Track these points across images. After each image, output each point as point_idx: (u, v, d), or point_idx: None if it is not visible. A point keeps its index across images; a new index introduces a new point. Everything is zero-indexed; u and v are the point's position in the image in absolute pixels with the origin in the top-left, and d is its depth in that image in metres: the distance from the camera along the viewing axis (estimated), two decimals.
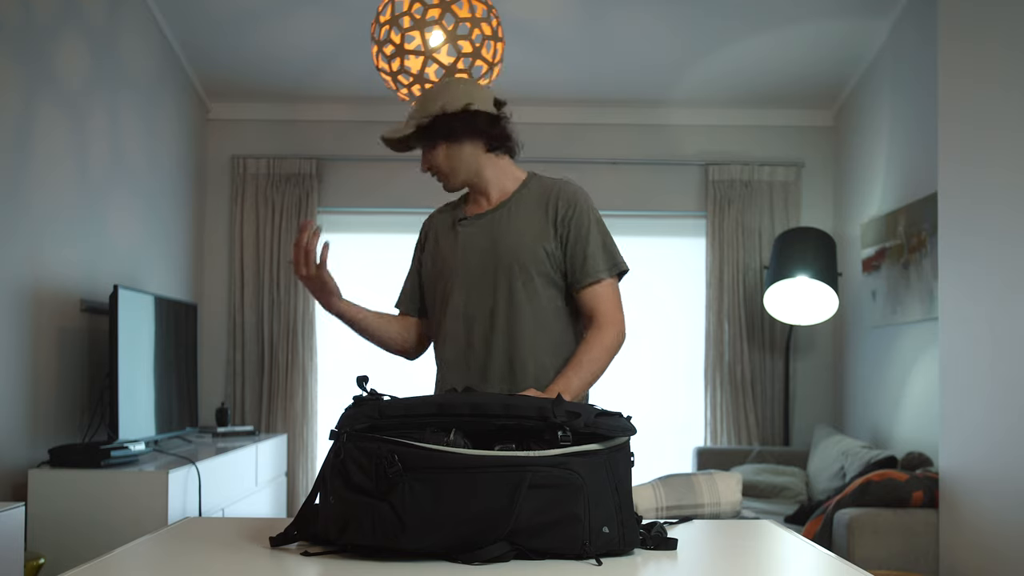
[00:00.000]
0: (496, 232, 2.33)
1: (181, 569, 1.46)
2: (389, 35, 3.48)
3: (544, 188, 2.37)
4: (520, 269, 2.30)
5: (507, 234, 2.32)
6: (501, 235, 2.32)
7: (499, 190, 2.38)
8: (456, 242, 2.37)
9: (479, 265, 2.33)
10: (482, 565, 1.45)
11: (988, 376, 3.45)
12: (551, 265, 2.32)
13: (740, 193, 5.63)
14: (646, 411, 5.50)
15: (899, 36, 4.83)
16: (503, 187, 2.39)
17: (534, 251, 2.30)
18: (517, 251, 2.30)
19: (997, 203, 3.43)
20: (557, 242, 2.32)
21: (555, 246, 2.31)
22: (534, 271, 2.30)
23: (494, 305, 2.31)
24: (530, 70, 5.19)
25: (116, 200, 4.34)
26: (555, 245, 2.31)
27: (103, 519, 3.37)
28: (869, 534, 3.70)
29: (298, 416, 5.47)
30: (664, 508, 3.51)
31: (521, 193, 2.37)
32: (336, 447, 1.56)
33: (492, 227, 2.34)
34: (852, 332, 5.41)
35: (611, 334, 2.28)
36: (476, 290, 2.32)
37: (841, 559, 1.55)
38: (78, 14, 3.96)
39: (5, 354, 3.41)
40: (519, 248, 2.30)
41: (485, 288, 2.32)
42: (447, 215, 2.46)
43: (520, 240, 2.31)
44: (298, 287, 5.51)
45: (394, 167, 5.60)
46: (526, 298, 2.30)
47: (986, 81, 3.54)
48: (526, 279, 2.30)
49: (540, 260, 2.30)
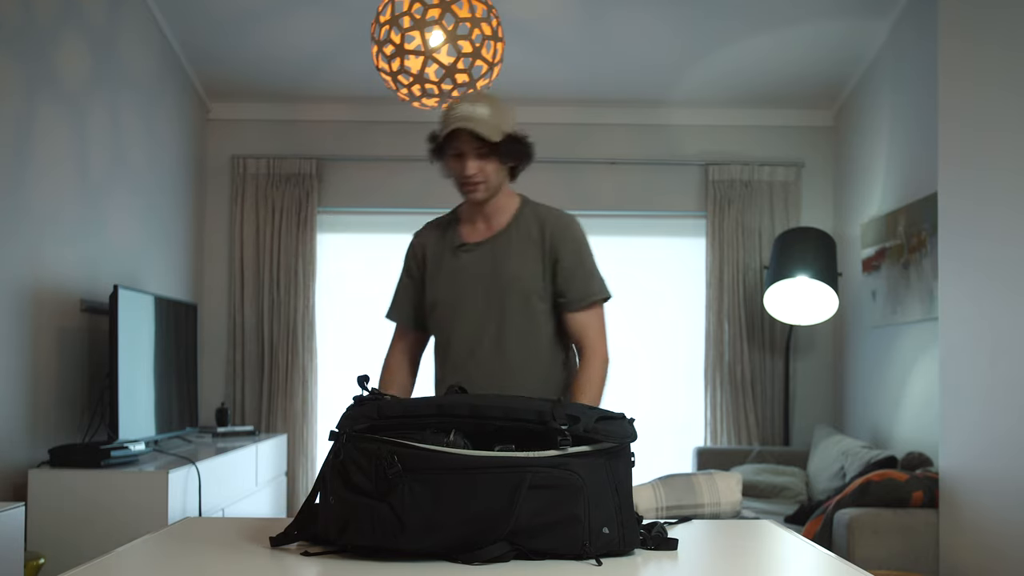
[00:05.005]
0: (496, 260, 2.43)
1: (181, 569, 1.46)
2: (389, 35, 3.48)
3: (538, 217, 2.47)
4: (521, 298, 2.41)
5: (507, 263, 2.42)
6: (501, 263, 2.42)
7: (500, 215, 2.48)
8: (457, 268, 2.46)
9: (482, 292, 2.43)
10: (482, 565, 1.45)
11: (988, 376, 3.45)
12: (545, 292, 2.43)
13: (740, 193, 5.63)
14: (646, 411, 5.50)
15: (899, 36, 4.83)
16: (504, 212, 2.48)
17: (532, 280, 2.42)
18: (518, 280, 2.41)
19: (997, 203, 3.43)
20: (548, 269, 2.43)
21: (546, 273, 2.43)
22: (533, 299, 2.42)
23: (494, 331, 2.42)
24: (530, 70, 5.19)
25: (116, 200, 4.34)
26: (546, 272, 2.43)
27: (103, 519, 3.37)
28: (869, 534, 3.70)
29: (298, 416, 5.47)
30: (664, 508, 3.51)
31: (518, 221, 2.47)
32: (336, 447, 1.56)
33: (493, 255, 2.44)
34: (852, 332, 5.41)
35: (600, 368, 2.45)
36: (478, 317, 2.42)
37: (841, 559, 1.55)
38: (78, 14, 3.96)
39: (5, 354, 3.41)
40: (520, 277, 2.42)
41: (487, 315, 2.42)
42: (440, 238, 2.53)
43: (520, 270, 2.42)
44: (298, 287, 5.51)
45: (394, 167, 5.60)
46: (525, 326, 2.41)
47: (986, 81, 3.54)
48: (525, 307, 2.41)
49: (537, 288, 2.42)
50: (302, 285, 5.53)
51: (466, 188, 2.41)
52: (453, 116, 2.36)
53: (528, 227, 2.46)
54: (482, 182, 2.39)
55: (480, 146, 2.36)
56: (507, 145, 2.37)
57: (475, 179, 2.38)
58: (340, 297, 5.66)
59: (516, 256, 2.43)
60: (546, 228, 2.45)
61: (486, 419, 1.54)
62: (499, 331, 2.41)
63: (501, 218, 2.48)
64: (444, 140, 2.39)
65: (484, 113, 2.34)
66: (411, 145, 5.64)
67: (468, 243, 2.47)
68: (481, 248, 2.46)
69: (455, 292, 2.45)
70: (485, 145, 2.35)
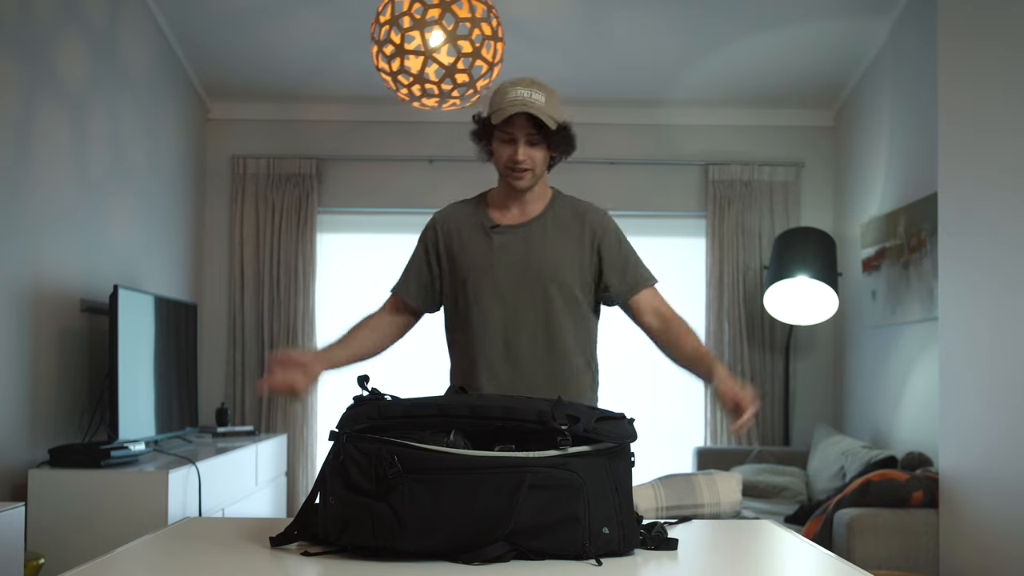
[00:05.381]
0: (532, 246, 2.38)
1: (181, 569, 1.46)
2: (389, 35, 3.48)
3: (574, 209, 2.45)
4: (560, 284, 2.37)
5: (545, 249, 2.38)
6: (538, 250, 2.38)
7: (535, 203, 2.43)
8: (490, 248, 2.40)
9: (517, 275, 2.38)
10: (482, 565, 1.45)
11: (988, 376, 3.45)
12: (584, 281, 2.40)
13: (740, 193, 5.63)
14: (646, 411, 5.50)
15: (899, 36, 4.83)
16: (539, 201, 2.44)
17: (571, 268, 2.38)
18: (558, 267, 2.37)
19: (997, 203, 3.43)
20: (592, 260, 2.40)
21: (590, 264, 2.40)
22: (572, 286, 2.38)
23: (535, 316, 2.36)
24: (530, 70, 5.16)
25: (116, 200, 4.34)
26: (590, 263, 2.40)
27: (103, 519, 3.37)
28: (869, 534, 3.70)
29: (298, 416, 5.47)
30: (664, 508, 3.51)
31: (554, 210, 2.43)
32: (336, 448, 1.56)
33: (528, 240, 2.39)
34: (852, 332, 5.41)
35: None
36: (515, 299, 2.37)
37: (841, 559, 1.55)
38: (78, 14, 3.96)
39: (5, 354, 3.41)
40: (559, 264, 2.38)
41: (524, 299, 2.37)
42: (469, 216, 2.46)
43: (560, 257, 2.38)
44: (298, 287, 5.51)
45: (394, 167, 5.60)
46: (565, 311, 2.37)
47: (986, 81, 3.54)
48: (566, 293, 2.37)
49: (575, 276, 2.39)
50: (302, 285, 5.53)
51: (514, 174, 2.34)
52: (511, 100, 2.30)
53: (564, 217, 2.42)
54: (530, 169, 2.34)
55: (534, 133, 2.31)
56: (560, 135, 2.34)
57: (524, 165, 2.33)
58: (340, 297, 5.66)
59: (554, 244, 2.38)
60: (586, 219, 2.42)
61: (486, 419, 1.54)
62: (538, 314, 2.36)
63: (536, 206, 2.43)
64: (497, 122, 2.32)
65: (541, 100, 2.30)
66: (411, 145, 5.65)
67: (501, 225, 2.41)
68: (516, 231, 2.40)
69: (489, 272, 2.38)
70: (539, 132, 2.31)
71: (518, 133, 2.32)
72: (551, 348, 2.36)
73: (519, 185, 2.36)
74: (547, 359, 2.36)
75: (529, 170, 2.34)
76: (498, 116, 2.31)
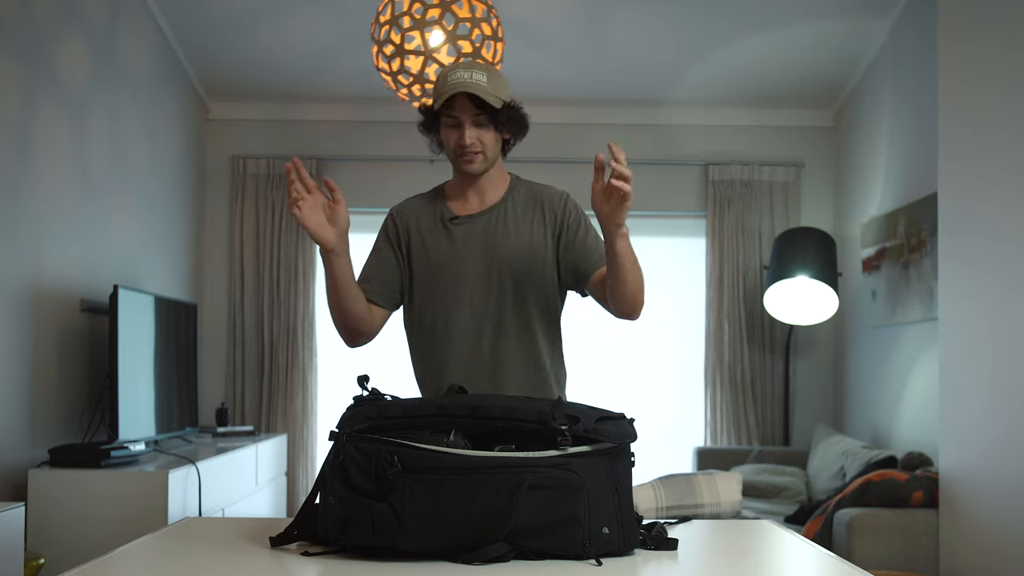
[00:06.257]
0: (493, 234, 2.30)
1: (181, 569, 1.46)
2: (389, 35, 3.48)
3: (533, 193, 2.36)
4: (524, 273, 2.28)
5: (507, 237, 2.30)
6: (500, 238, 2.30)
7: (493, 190, 2.35)
8: (451, 241, 2.32)
9: (481, 266, 2.29)
10: (482, 565, 1.45)
11: (988, 376, 3.45)
12: (551, 267, 2.31)
13: (740, 193, 5.63)
14: (646, 411, 5.50)
15: (899, 36, 4.83)
16: (497, 187, 2.36)
17: (536, 254, 2.30)
18: (520, 254, 2.29)
19: (997, 203, 3.43)
20: (555, 244, 2.32)
21: (553, 248, 2.32)
22: (535, 273, 2.29)
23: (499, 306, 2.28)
24: (530, 70, 5.19)
25: (116, 200, 4.34)
26: (553, 247, 2.32)
27: (103, 519, 3.37)
28: (869, 534, 3.70)
29: (298, 416, 5.47)
30: (664, 508, 3.52)
31: (513, 196, 2.35)
32: (336, 448, 1.56)
33: (488, 229, 2.31)
34: (852, 332, 5.41)
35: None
36: (478, 291, 2.29)
37: (841, 559, 1.55)
38: (78, 14, 3.96)
39: (5, 354, 3.40)
40: (523, 251, 2.29)
41: (488, 289, 2.29)
42: (426, 209, 2.38)
43: (523, 243, 2.30)
44: (298, 287, 5.51)
45: (394, 167, 5.60)
46: (531, 299, 2.29)
47: (986, 81, 3.54)
48: (530, 281, 2.29)
49: (538, 262, 2.30)
50: (302, 285, 5.53)
51: (464, 158, 2.27)
52: (450, 82, 2.22)
53: (525, 202, 2.35)
54: (480, 152, 2.26)
55: (479, 114, 2.23)
56: (506, 114, 2.26)
57: (473, 148, 2.25)
58: None
59: (516, 230, 2.31)
60: (546, 203, 2.34)
61: (486, 419, 1.54)
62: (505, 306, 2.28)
63: (494, 193, 2.35)
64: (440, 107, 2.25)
65: (483, 79, 2.22)
66: (411, 145, 5.63)
67: (461, 216, 2.33)
68: (475, 220, 2.32)
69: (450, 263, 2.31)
70: (484, 113, 2.23)
71: (462, 115, 2.23)
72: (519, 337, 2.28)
73: (471, 169, 2.28)
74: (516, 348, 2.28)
75: (479, 152, 2.25)
76: (440, 100, 2.24)
